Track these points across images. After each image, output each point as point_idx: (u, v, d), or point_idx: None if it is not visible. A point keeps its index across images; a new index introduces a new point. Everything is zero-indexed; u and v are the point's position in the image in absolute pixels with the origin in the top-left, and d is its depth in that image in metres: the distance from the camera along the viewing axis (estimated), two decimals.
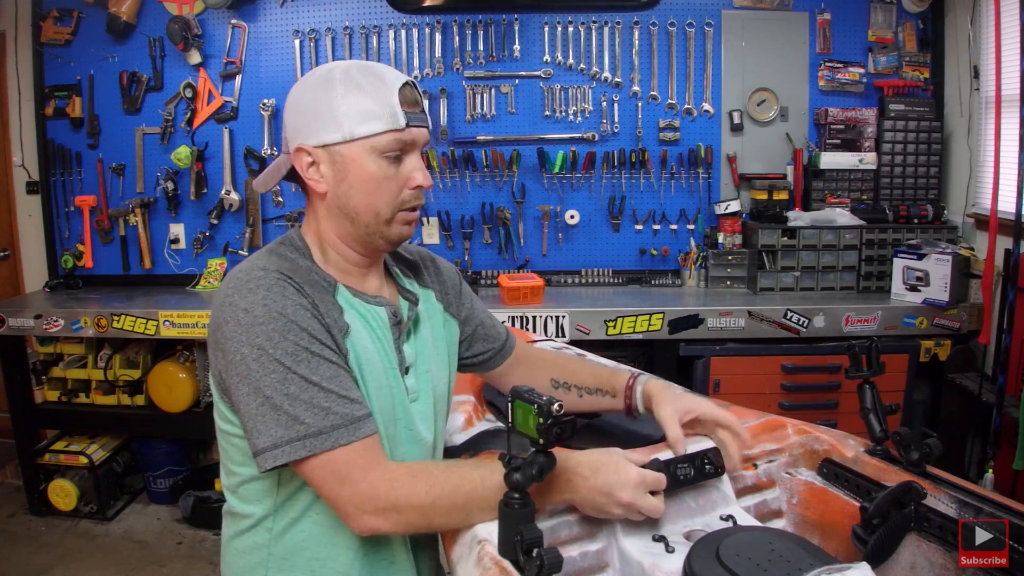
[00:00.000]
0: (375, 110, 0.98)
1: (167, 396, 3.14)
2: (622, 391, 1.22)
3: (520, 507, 0.89)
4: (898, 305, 2.85)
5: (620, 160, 3.27)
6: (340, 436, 0.92)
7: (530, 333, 2.50)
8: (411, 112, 1.00)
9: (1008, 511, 0.94)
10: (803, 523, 1.17)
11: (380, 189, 1.01)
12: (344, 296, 1.05)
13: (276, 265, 1.00)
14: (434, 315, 1.20)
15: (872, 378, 1.19)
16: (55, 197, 3.50)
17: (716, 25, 3.25)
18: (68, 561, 2.91)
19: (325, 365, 0.95)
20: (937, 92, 3.26)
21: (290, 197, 3.41)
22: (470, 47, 3.28)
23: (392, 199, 1.02)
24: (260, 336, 0.93)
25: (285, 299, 0.95)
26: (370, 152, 0.99)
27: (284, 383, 0.92)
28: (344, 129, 0.98)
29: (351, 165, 1.00)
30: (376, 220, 1.02)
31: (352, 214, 1.02)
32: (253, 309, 0.94)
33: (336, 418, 0.93)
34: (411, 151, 1.02)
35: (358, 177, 1.00)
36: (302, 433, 0.91)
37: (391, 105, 0.98)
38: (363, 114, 0.98)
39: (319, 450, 0.92)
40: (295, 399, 0.92)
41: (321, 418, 0.92)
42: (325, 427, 0.92)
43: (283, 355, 0.92)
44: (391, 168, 1.01)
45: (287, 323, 0.93)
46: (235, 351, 0.94)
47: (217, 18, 3.35)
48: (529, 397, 0.88)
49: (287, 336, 0.93)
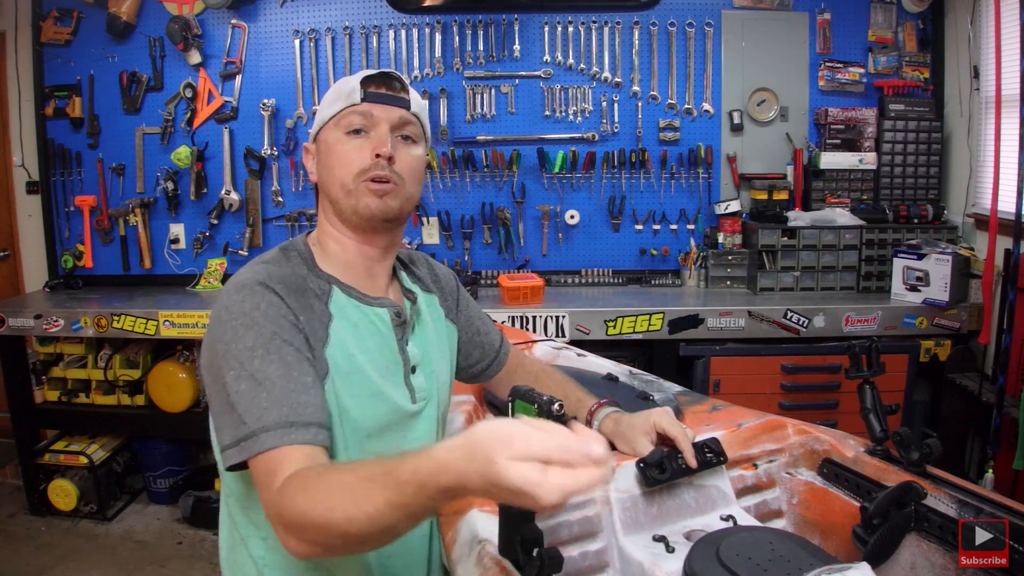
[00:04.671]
0: (338, 94, 1.08)
1: (167, 396, 3.14)
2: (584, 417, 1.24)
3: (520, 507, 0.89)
4: (898, 305, 2.85)
5: (620, 160, 3.27)
6: (267, 439, 0.88)
7: (530, 333, 2.50)
8: (374, 92, 1.07)
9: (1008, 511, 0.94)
10: (803, 523, 1.17)
11: (341, 161, 1.06)
12: (338, 303, 1.05)
13: (269, 273, 1.00)
14: (436, 319, 1.21)
15: (872, 378, 1.19)
16: (55, 197, 3.50)
17: (716, 25, 3.25)
18: (68, 561, 2.91)
19: (277, 364, 0.92)
20: (937, 92, 3.26)
21: (290, 197, 3.41)
22: (470, 47, 3.28)
23: (353, 168, 1.05)
24: (228, 332, 0.94)
25: (262, 298, 0.96)
26: (334, 129, 1.07)
27: (238, 380, 0.91)
28: (320, 117, 1.10)
29: (323, 147, 1.09)
30: (343, 192, 1.06)
31: (328, 189, 1.09)
32: (231, 307, 0.96)
33: (268, 420, 0.89)
34: (374, 127, 1.07)
35: (326, 154, 1.08)
36: (242, 434, 0.89)
37: (352, 87, 1.07)
38: (330, 100, 1.09)
39: (252, 452, 0.88)
40: (242, 396, 0.90)
41: (256, 419, 0.89)
42: (256, 429, 0.88)
43: (241, 350, 0.92)
44: (354, 141, 1.06)
45: (252, 319, 0.94)
46: (211, 347, 0.95)
47: (217, 18, 3.35)
48: (529, 396, 0.88)
49: (249, 330, 0.93)
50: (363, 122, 1.06)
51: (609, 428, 1.19)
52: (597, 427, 1.20)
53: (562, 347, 1.86)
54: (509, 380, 1.31)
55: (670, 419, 1.13)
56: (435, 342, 1.17)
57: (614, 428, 1.18)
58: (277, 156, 3.38)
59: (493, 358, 1.32)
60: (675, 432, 1.10)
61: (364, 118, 1.06)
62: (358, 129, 1.06)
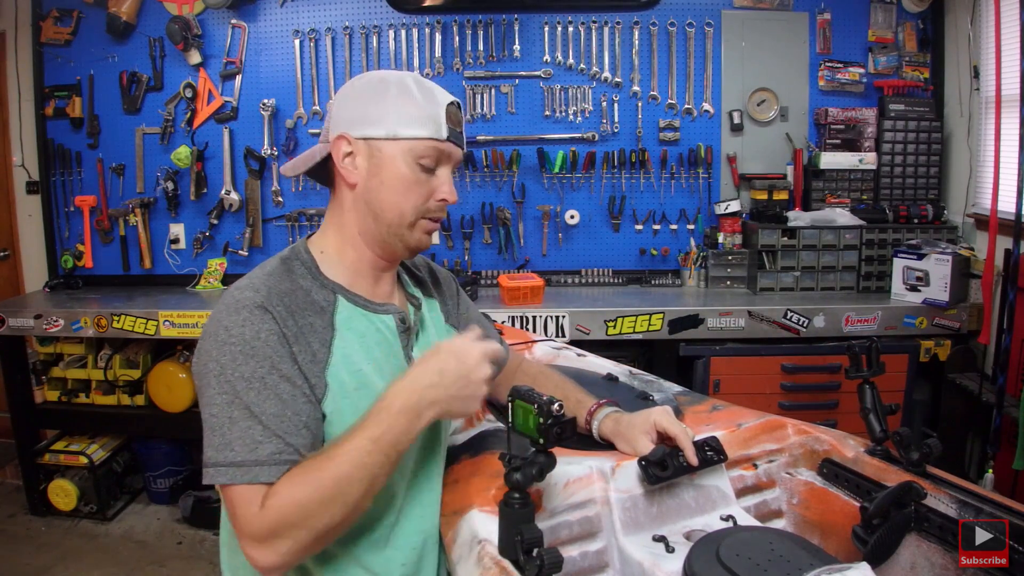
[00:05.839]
0: (421, 117, 1.02)
1: (167, 396, 3.14)
2: (583, 418, 1.23)
3: (520, 507, 0.89)
4: (898, 305, 2.85)
5: (620, 160, 3.27)
6: (259, 474, 0.90)
7: (530, 334, 2.50)
8: (453, 128, 1.05)
9: (1008, 511, 0.94)
10: (803, 523, 1.17)
11: (410, 191, 1.03)
12: (343, 313, 1.04)
13: (270, 288, 0.99)
14: (438, 324, 1.22)
15: (872, 378, 1.19)
16: (55, 197, 3.50)
17: (716, 25, 3.26)
18: (68, 561, 2.91)
19: (272, 400, 0.93)
20: (937, 92, 3.26)
21: (290, 197, 3.41)
22: (470, 47, 3.29)
23: (418, 204, 1.04)
24: (226, 355, 0.93)
25: (263, 324, 0.95)
26: (407, 154, 1.03)
27: (230, 406, 0.92)
28: (389, 127, 1.02)
29: (387, 162, 1.03)
30: (400, 221, 1.04)
31: (378, 210, 1.04)
32: (231, 328, 0.95)
33: (261, 455, 0.91)
34: (445, 164, 1.06)
35: (391, 175, 1.03)
36: (228, 460, 0.91)
37: (437, 116, 1.03)
38: (409, 118, 1.02)
39: (237, 481, 0.90)
40: (234, 424, 0.92)
41: (248, 451, 0.91)
42: (248, 460, 0.91)
43: (237, 379, 0.92)
44: (423, 175, 1.04)
45: (253, 349, 0.94)
46: (204, 364, 0.95)
47: (217, 18, 3.35)
48: (529, 397, 0.88)
49: (248, 361, 0.93)
50: (438, 158, 1.05)
51: (609, 428, 1.19)
52: (597, 427, 1.21)
53: (562, 347, 1.86)
54: (509, 381, 1.31)
55: (670, 418, 1.13)
56: None
57: (614, 428, 1.18)
58: (277, 156, 3.38)
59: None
60: (675, 430, 1.10)
61: (441, 156, 1.05)
62: (432, 167, 1.04)
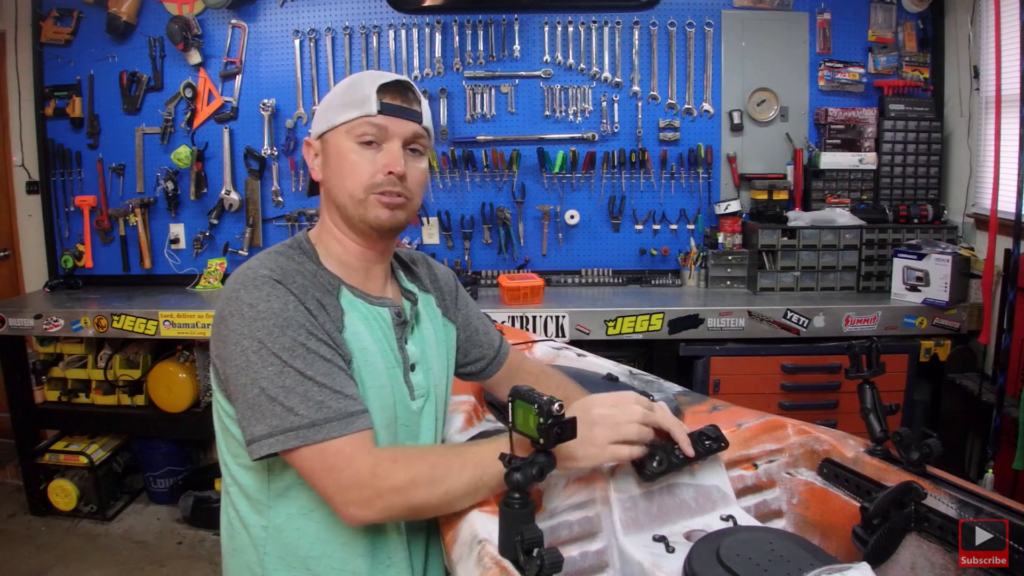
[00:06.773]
0: (352, 101, 1.06)
1: (167, 396, 3.14)
2: None
3: (520, 507, 0.88)
4: (898, 305, 2.85)
5: (620, 160, 3.27)
6: (332, 429, 0.94)
7: (530, 333, 2.50)
8: (389, 104, 1.06)
9: (1008, 511, 0.94)
10: (803, 523, 1.17)
11: (354, 171, 1.06)
12: (347, 298, 1.08)
13: (282, 267, 1.03)
14: (434, 318, 1.23)
15: (872, 378, 1.19)
16: (55, 197, 3.50)
17: (716, 25, 3.26)
18: (68, 561, 2.91)
19: (320, 362, 0.97)
20: (937, 92, 3.26)
21: (290, 197, 3.41)
22: (470, 47, 3.28)
23: (364, 181, 1.06)
24: (260, 330, 0.96)
25: (288, 297, 0.99)
26: (346, 136, 1.06)
27: (280, 375, 0.95)
28: (330, 118, 1.08)
29: (332, 150, 1.08)
30: (352, 201, 1.07)
31: (335, 195, 1.08)
32: (256, 304, 0.97)
33: (329, 411, 0.95)
34: (391, 140, 1.07)
35: (336, 160, 1.07)
36: (295, 424, 0.94)
37: (366, 95, 1.05)
38: (342, 104, 1.07)
39: (311, 441, 0.94)
40: (290, 391, 0.95)
41: (315, 411, 0.94)
42: (318, 419, 0.94)
43: (280, 349, 0.95)
44: (366, 152, 1.06)
45: (287, 319, 0.97)
46: (236, 343, 0.97)
47: (217, 18, 3.35)
48: (529, 396, 0.88)
49: (286, 331, 0.96)
50: (377, 134, 1.05)
51: None
52: None
53: (562, 347, 1.86)
54: (509, 380, 1.32)
55: (664, 412, 1.12)
56: (433, 341, 1.19)
57: None
58: (277, 156, 3.38)
59: (492, 358, 1.33)
60: (668, 424, 1.09)
61: (378, 130, 1.05)
62: (371, 140, 1.06)
